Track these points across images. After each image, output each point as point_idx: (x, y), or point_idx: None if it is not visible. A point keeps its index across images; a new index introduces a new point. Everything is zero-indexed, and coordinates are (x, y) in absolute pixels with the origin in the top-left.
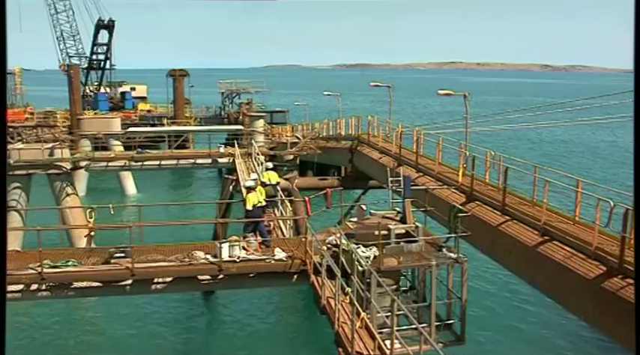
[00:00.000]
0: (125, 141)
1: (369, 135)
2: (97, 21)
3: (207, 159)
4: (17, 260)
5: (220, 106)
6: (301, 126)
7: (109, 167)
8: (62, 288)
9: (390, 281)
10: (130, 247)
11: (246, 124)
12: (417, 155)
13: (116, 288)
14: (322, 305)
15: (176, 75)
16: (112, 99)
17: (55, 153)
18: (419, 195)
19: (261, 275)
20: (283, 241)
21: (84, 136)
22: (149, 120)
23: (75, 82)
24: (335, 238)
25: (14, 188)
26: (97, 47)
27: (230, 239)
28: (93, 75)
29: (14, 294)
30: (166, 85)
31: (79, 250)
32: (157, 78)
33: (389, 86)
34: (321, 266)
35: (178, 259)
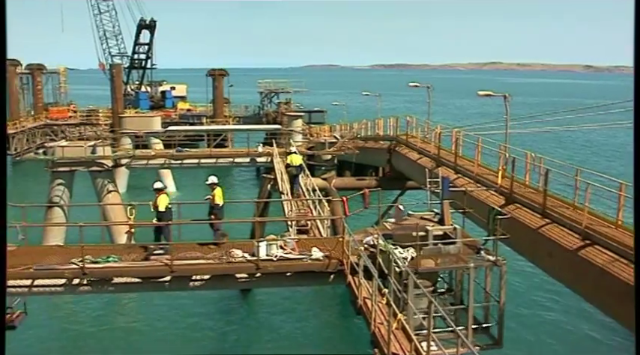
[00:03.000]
0: (165, 139)
1: (407, 135)
2: (139, 21)
3: (246, 158)
4: (60, 255)
5: (259, 106)
6: (339, 126)
7: (149, 165)
8: (103, 283)
9: (427, 283)
10: (169, 244)
11: (285, 124)
12: (456, 156)
13: (155, 284)
14: (359, 306)
15: (216, 74)
16: (152, 98)
17: (98, 150)
18: (457, 197)
19: (298, 274)
20: (320, 241)
21: (125, 134)
22: (189, 119)
23: (117, 81)
24: (372, 238)
25: (58, 184)
26: (139, 47)
27: (268, 238)
28: (134, 74)
29: (57, 288)
30: (206, 84)
31: (120, 246)
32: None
33: (428, 86)
34: (358, 266)
35: (216, 257)
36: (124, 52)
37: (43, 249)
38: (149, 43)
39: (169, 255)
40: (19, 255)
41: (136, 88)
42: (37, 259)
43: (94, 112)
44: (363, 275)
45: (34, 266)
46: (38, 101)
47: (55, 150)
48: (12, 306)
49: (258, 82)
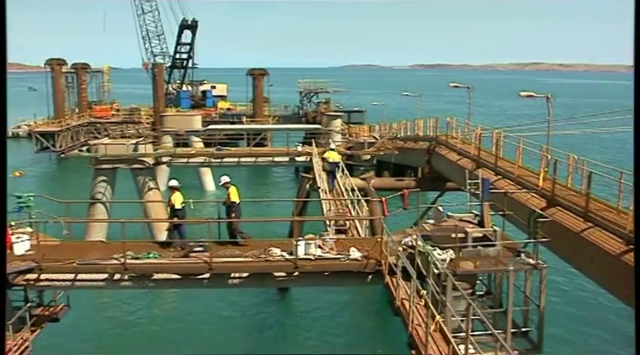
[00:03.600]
0: (205, 138)
1: (447, 136)
2: (181, 21)
3: (285, 157)
4: (102, 250)
5: (298, 105)
6: (379, 126)
7: (189, 163)
8: (143, 279)
9: (465, 285)
10: (208, 242)
11: (324, 123)
12: (497, 157)
13: (194, 281)
14: (396, 307)
15: (256, 74)
16: (193, 97)
17: (139, 148)
18: (497, 199)
19: (336, 274)
20: (359, 241)
21: (166, 133)
22: (229, 118)
23: (159, 80)
24: (411, 239)
25: (100, 181)
26: (181, 46)
27: (306, 237)
28: (176, 73)
29: (99, 283)
30: (246, 83)
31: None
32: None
33: (468, 87)
34: (396, 267)
35: (255, 255)
36: (165, 52)
37: (85, 245)
38: (191, 42)
39: (209, 253)
40: (63, 249)
41: (178, 87)
42: (80, 254)
43: (136, 111)
44: (401, 276)
45: (77, 261)
46: (82, 99)
47: (98, 147)
48: (55, 299)
49: (298, 81)
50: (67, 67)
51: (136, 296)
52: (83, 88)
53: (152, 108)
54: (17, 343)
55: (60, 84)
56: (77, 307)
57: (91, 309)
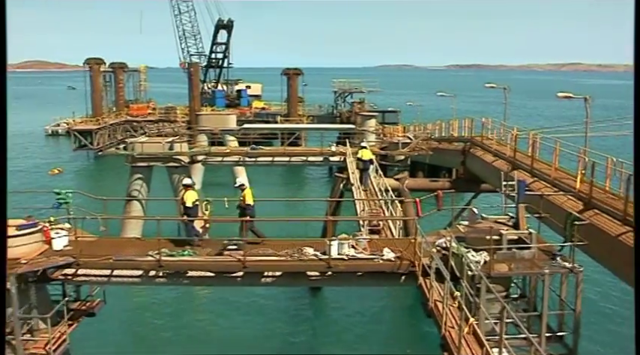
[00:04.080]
0: (240, 137)
1: (482, 137)
2: (217, 21)
3: (319, 157)
4: (138, 247)
5: (333, 105)
6: (413, 127)
7: (224, 162)
8: (178, 276)
9: (499, 288)
10: (242, 240)
11: (358, 123)
12: (533, 159)
13: (228, 279)
14: (429, 308)
15: (290, 74)
16: (228, 96)
17: (175, 147)
18: (533, 201)
19: (369, 274)
20: (392, 241)
21: (201, 131)
22: (263, 117)
23: (195, 80)
24: (445, 241)
25: (136, 179)
26: (216, 46)
27: (340, 237)
28: (211, 73)
29: (134, 279)
30: (280, 83)
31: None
32: (271, 76)
33: (504, 88)
34: (429, 268)
35: (288, 254)
36: (201, 51)
37: (121, 241)
38: (226, 42)
39: (242, 251)
40: (100, 245)
41: (213, 86)
42: (116, 250)
43: (172, 110)
44: (434, 277)
45: (113, 257)
46: (120, 98)
47: (134, 145)
48: (92, 294)
49: (332, 81)
50: (105, 67)
51: (170, 292)
52: (120, 87)
53: (188, 107)
54: (55, 336)
55: (98, 83)
56: (112, 302)
57: (125, 305)
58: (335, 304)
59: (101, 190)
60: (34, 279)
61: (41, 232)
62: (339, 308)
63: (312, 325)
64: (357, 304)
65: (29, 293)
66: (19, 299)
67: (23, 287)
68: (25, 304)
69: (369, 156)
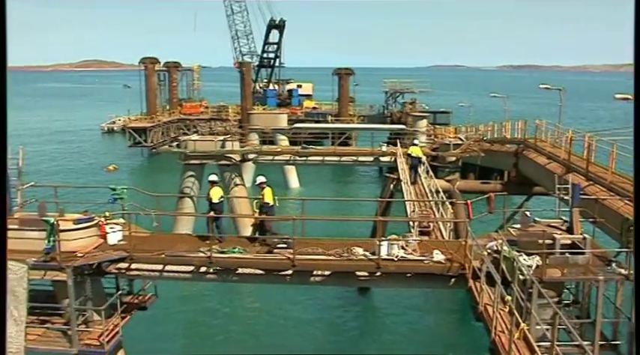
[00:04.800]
0: (291, 136)
1: (536, 139)
2: (269, 21)
3: (369, 157)
4: (189, 243)
5: (384, 105)
6: (465, 128)
7: (274, 160)
8: (228, 273)
9: (552, 293)
10: (292, 239)
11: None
12: (588, 162)
13: (277, 277)
14: (479, 312)
15: (342, 73)
16: (279, 95)
17: (227, 145)
18: (588, 205)
19: (419, 275)
20: (442, 243)
21: (253, 130)
22: (314, 117)
23: (247, 79)
24: (496, 244)
25: (189, 176)
26: (268, 46)
27: (390, 237)
28: (263, 72)
29: (185, 274)
30: (332, 83)
31: (245, 238)
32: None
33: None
34: (480, 271)
35: (338, 254)
36: (253, 51)
37: (174, 237)
38: (278, 42)
39: (292, 249)
40: (153, 241)
41: (265, 85)
42: (168, 246)
43: (224, 108)
44: (485, 280)
45: (165, 253)
46: (173, 97)
47: (187, 143)
48: (144, 289)
49: (384, 81)
50: (160, 66)
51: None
52: (174, 86)
53: (239, 106)
54: (109, 328)
55: (152, 81)
56: (164, 297)
57: (176, 300)
58: (383, 305)
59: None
60: (90, 272)
61: (97, 227)
62: (387, 309)
63: (359, 325)
64: (404, 305)
65: (85, 286)
66: (75, 291)
67: (79, 279)
68: (81, 296)
69: (418, 153)
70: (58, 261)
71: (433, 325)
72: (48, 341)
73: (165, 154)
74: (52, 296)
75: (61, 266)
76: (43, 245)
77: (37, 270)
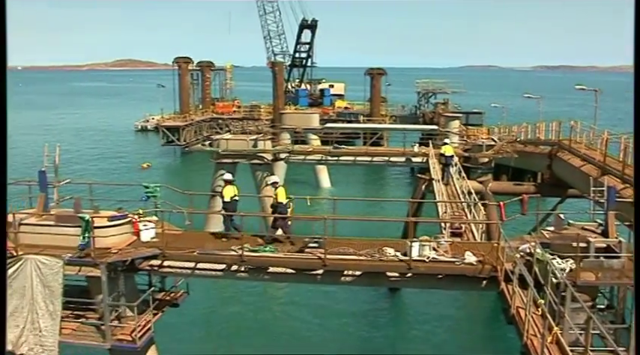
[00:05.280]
0: (322, 136)
1: (570, 140)
2: (301, 21)
3: (401, 157)
4: (220, 241)
5: (416, 105)
6: (498, 129)
7: (306, 160)
8: (259, 271)
9: (585, 297)
10: (323, 238)
11: (441, 124)
12: (624, 164)
13: (308, 276)
14: (511, 315)
15: (374, 73)
16: (311, 95)
17: (259, 144)
18: (624, 208)
19: (450, 277)
20: (474, 245)
21: (285, 130)
22: (346, 116)
23: (279, 79)
24: (529, 246)
25: (221, 175)
26: (300, 46)
27: (421, 238)
28: (295, 72)
29: (216, 272)
30: (364, 83)
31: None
32: (354, 76)
33: (595, 90)
34: (512, 274)
35: (369, 254)
36: (285, 51)
37: (205, 235)
38: (310, 42)
39: (323, 249)
40: (185, 238)
41: (296, 85)
42: (200, 244)
43: (256, 108)
44: (517, 283)
45: (197, 251)
46: (206, 96)
47: (219, 142)
48: (176, 286)
49: (416, 81)
50: (193, 65)
51: (251, 287)
52: (207, 85)
53: (272, 106)
54: (141, 324)
55: (186, 81)
56: (195, 294)
57: (208, 297)
58: (413, 306)
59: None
60: (123, 269)
61: (130, 224)
62: (417, 310)
63: (389, 326)
64: (435, 307)
65: (118, 282)
66: (109, 286)
67: (113, 275)
68: (114, 292)
69: (450, 152)
70: (93, 257)
71: (464, 327)
72: (82, 336)
73: (197, 153)
74: (87, 292)
75: (96, 263)
76: (78, 241)
77: (72, 266)
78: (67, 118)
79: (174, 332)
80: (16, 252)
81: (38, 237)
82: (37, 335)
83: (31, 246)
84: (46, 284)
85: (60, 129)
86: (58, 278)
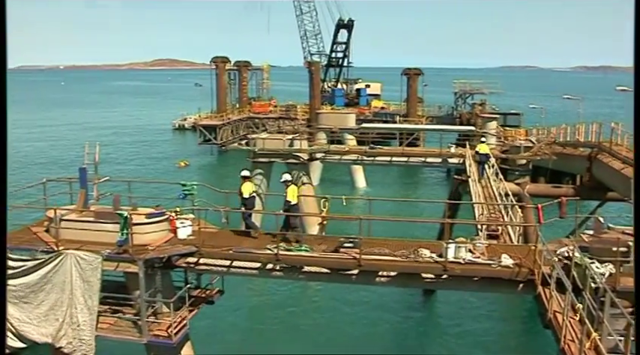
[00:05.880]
0: (358, 136)
1: (611, 142)
2: (338, 21)
3: (437, 158)
4: (256, 240)
5: (453, 106)
6: (536, 130)
7: (342, 160)
8: (294, 271)
9: (625, 303)
10: (358, 238)
11: (479, 125)
12: None
13: (342, 276)
14: (548, 319)
15: (411, 74)
16: (347, 95)
17: (295, 144)
18: None
19: (486, 280)
20: (511, 248)
21: (321, 129)
22: (382, 117)
23: (315, 79)
24: (567, 250)
25: (257, 174)
26: (337, 46)
27: (457, 240)
28: (331, 72)
29: (252, 271)
30: (400, 83)
31: (312, 237)
32: (391, 76)
33: None
34: (550, 278)
35: (404, 255)
36: (322, 51)
37: (241, 234)
38: (346, 42)
39: (358, 249)
40: (221, 237)
41: (333, 85)
42: (236, 242)
43: (292, 107)
44: (554, 287)
45: (233, 249)
46: (243, 95)
47: (256, 141)
48: (212, 283)
49: (453, 82)
50: (230, 65)
51: (285, 286)
52: (244, 85)
53: (308, 106)
54: (177, 320)
55: (223, 80)
56: (231, 292)
57: (242, 295)
58: (447, 308)
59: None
60: (160, 265)
61: (168, 221)
62: (452, 312)
63: (423, 328)
64: (470, 309)
65: (155, 278)
66: (146, 283)
67: (150, 272)
68: (151, 288)
69: (485, 150)
70: (131, 254)
71: (498, 330)
72: (119, 330)
73: (234, 152)
74: (124, 287)
75: (133, 259)
76: (117, 237)
77: (110, 261)
78: (107, 116)
79: (208, 329)
80: (56, 247)
81: (78, 233)
82: (75, 329)
83: (71, 241)
84: (85, 279)
85: (99, 127)
86: (96, 274)
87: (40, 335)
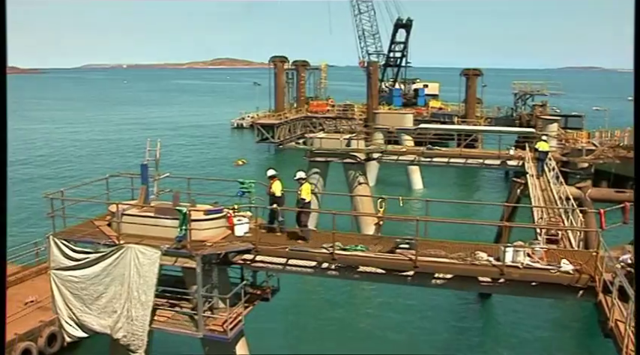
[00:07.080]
0: (416, 136)
1: None
2: (396, 20)
3: (496, 160)
4: (312, 239)
5: (512, 107)
6: (599, 133)
7: (399, 160)
8: (349, 270)
9: None
10: (415, 239)
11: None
12: None
13: (398, 277)
14: (609, 328)
15: (469, 74)
16: (405, 95)
17: (352, 143)
18: None
19: (544, 285)
20: (571, 253)
21: (378, 129)
22: (440, 117)
23: (373, 78)
24: (630, 257)
25: (314, 173)
26: (395, 45)
27: (515, 244)
28: (389, 71)
29: (307, 269)
30: (459, 83)
31: (368, 237)
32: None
33: None
34: (612, 285)
35: (461, 257)
36: (380, 51)
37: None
38: (405, 41)
39: (415, 250)
40: (277, 235)
41: (390, 85)
42: (292, 241)
43: (349, 107)
44: (616, 295)
45: (289, 247)
46: (301, 95)
47: (313, 140)
48: (267, 281)
49: (513, 82)
50: (289, 64)
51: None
52: (302, 84)
53: (365, 105)
54: (232, 316)
55: (281, 80)
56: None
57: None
58: (503, 313)
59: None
60: (217, 261)
61: (225, 218)
62: (508, 317)
63: (477, 331)
64: (526, 315)
65: (212, 274)
66: (203, 278)
67: (207, 267)
68: (208, 283)
69: (545, 148)
70: (189, 249)
71: (556, 337)
72: (176, 324)
73: (290, 151)
74: (181, 282)
75: (191, 254)
76: (176, 233)
77: (168, 256)
78: (167, 114)
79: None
80: (118, 241)
81: (138, 228)
82: (130, 323)
83: (131, 235)
84: (142, 274)
85: (160, 124)
86: (154, 269)
87: (100, 325)
